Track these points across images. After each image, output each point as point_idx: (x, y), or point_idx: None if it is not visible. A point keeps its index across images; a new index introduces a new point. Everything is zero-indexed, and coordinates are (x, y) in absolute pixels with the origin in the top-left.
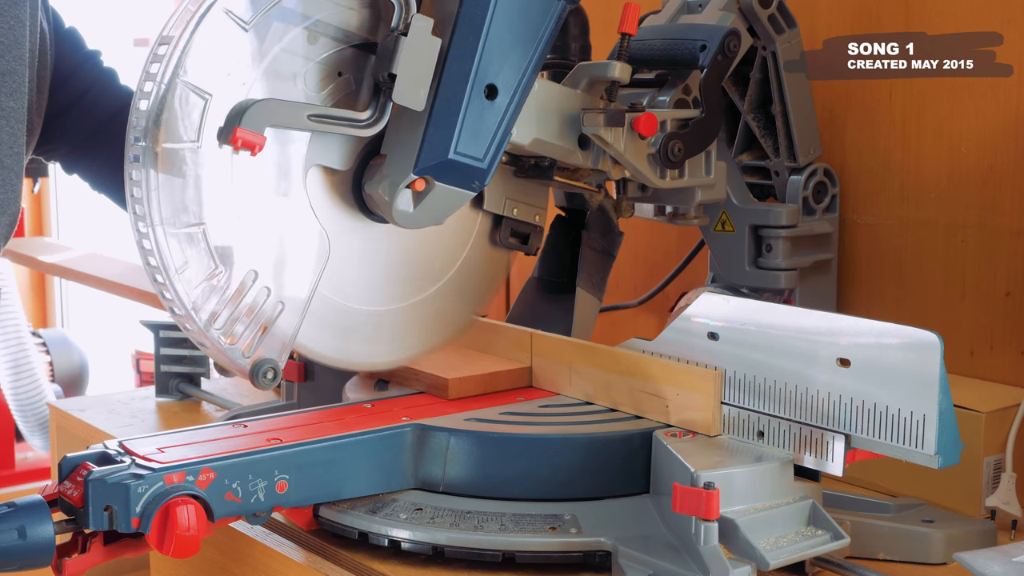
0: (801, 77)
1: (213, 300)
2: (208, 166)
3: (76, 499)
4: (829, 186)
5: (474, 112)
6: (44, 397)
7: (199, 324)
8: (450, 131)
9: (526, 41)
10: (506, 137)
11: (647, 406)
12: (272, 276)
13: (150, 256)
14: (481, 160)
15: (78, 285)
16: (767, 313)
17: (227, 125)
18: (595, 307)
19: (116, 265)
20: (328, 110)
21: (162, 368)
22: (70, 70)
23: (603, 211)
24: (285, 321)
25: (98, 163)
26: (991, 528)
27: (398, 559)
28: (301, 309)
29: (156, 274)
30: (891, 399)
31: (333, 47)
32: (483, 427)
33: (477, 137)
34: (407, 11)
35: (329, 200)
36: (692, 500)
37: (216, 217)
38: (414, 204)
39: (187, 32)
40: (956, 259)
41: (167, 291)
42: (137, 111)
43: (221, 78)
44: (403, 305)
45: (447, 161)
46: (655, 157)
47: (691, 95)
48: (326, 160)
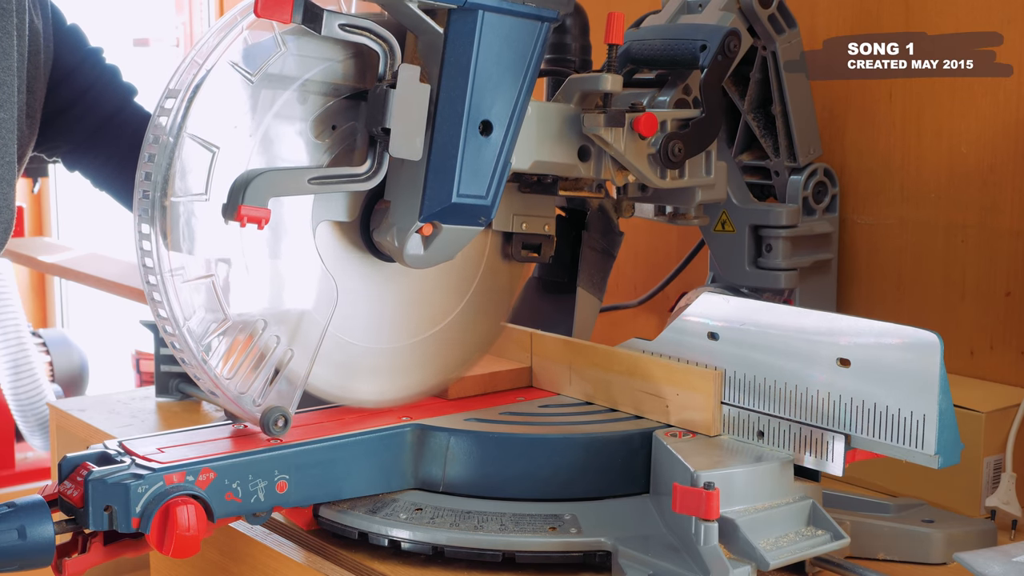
0: (801, 77)
1: (223, 349)
2: (216, 219)
3: (76, 499)
4: (829, 186)
5: (471, 151)
6: (44, 397)
7: (210, 373)
8: (450, 175)
9: (515, 70)
10: (506, 168)
11: (647, 406)
12: (282, 324)
13: (160, 308)
14: (484, 197)
15: (78, 285)
16: (767, 313)
17: (230, 202)
18: (595, 307)
19: (116, 265)
20: (327, 171)
21: (162, 368)
22: (71, 67)
23: (603, 211)
24: (295, 368)
25: (100, 160)
26: (991, 528)
27: (398, 559)
28: (311, 355)
29: (166, 325)
30: (891, 399)
31: (324, 103)
32: (483, 427)
33: (477, 176)
34: (392, 59)
35: (338, 246)
36: (692, 500)
37: (225, 268)
38: (424, 247)
39: (193, 85)
40: (956, 259)
41: (177, 341)
42: (145, 164)
43: (228, 131)
44: (424, 337)
45: (451, 205)
46: (655, 157)
47: (691, 95)
48: (332, 215)
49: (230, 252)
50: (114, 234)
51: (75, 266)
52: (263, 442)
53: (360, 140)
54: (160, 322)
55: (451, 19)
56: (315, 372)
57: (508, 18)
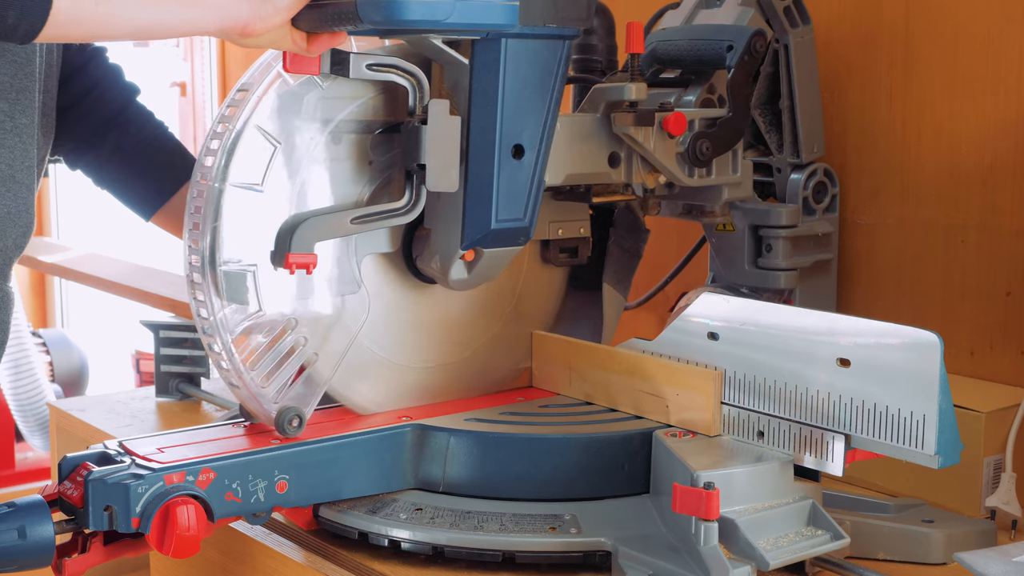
0: (811, 74)
1: (252, 342)
2: (265, 211)
3: (76, 499)
4: (829, 186)
5: (506, 177)
6: (44, 397)
7: (235, 363)
8: (488, 203)
9: (541, 90)
10: (541, 187)
11: (647, 406)
12: (312, 327)
13: (198, 290)
14: (522, 219)
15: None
16: (767, 313)
17: (278, 250)
18: (620, 304)
19: (116, 265)
20: (368, 209)
21: (162, 368)
22: (78, 66)
23: (630, 209)
24: (318, 371)
25: (102, 159)
26: (991, 528)
27: (398, 559)
28: (335, 362)
29: (202, 309)
30: (891, 399)
31: (358, 140)
32: (483, 427)
33: (513, 199)
34: (420, 92)
35: (381, 272)
36: (692, 500)
37: (266, 260)
38: (468, 272)
39: (233, 135)
40: (956, 259)
41: (209, 326)
42: (208, 150)
43: (290, 131)
44: (472, 351)
45: (491, 232)
46: (684, 156)
47: (715, 94)
48: (376, 248)
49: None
50: (114, 234)
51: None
52: (263, 442)
53: (396, 172)
54: (196, 305)
55: (475, 50)
56: (360, 391)
57: (531, 42)
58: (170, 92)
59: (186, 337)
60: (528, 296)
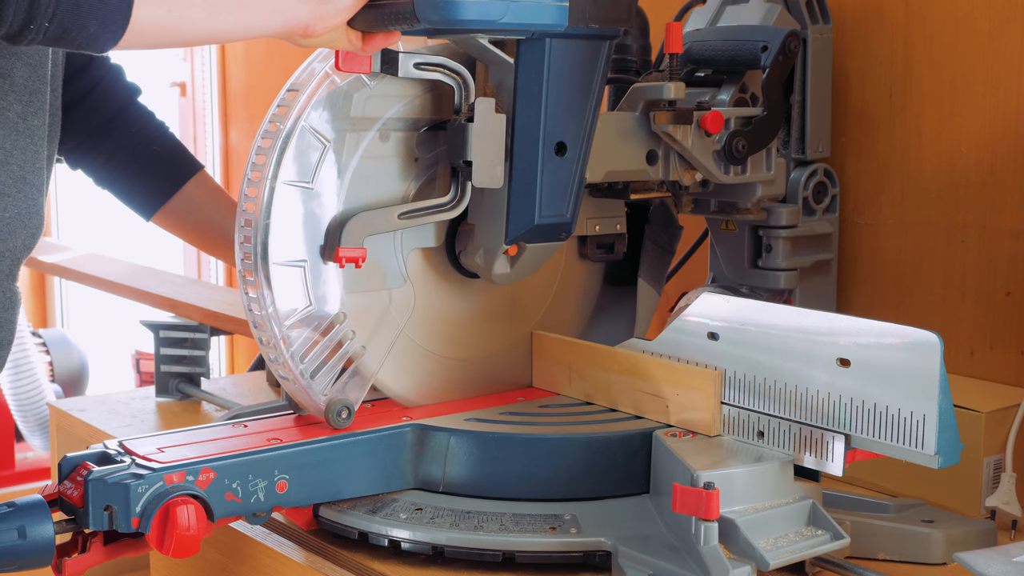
0: (826, 73)
1: (302, 335)
2: (315, 208)
3: (76, 499)
4: (829, 186)
5: (549, 173)
6: (44, 397)
7: (286, 355)
8: (531, 199)
9: (584, 89)
10: (582, 184)
11: (647, 406)
12: (360, 320)
13: (250, 287)
14: (564, 215)
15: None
16: (767, 313)
17: (328, 245)
18: (654, 299)
19: (116, 265)
20: (414, 205)
21: (162, 368)
22: (78, 67)
23: (664, 206)
24: (367, 363)
25: (103, 159)
26: (991, 528)
27: (398, 559)
28: (383, 354)
29: (254, 305)
30: (891, 399)
31: (405, 138)
32: (483, 427)
33: (556, 196)
34: (466, 90)
35: (426, 267)
36: (692, 500)
37: (316, 256)
38: (510, 266)
39: (284, 134)
40: (956, 259)
41: (260, 321)
42: (259, 149)
43: (340, 130)
44: (509, 345)
45: (534, 227)
46: (720, 154)
47: (748, 93)
48: (421, 243)
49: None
50: (114, 234)
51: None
52: (263, 442)
53: (441, 169)
54: (247, 300)
55: (520, 49)
56: (405, 383)
57: (574, 41)
58: (170, 92)
59: (186, 337)
60: (565, 290)
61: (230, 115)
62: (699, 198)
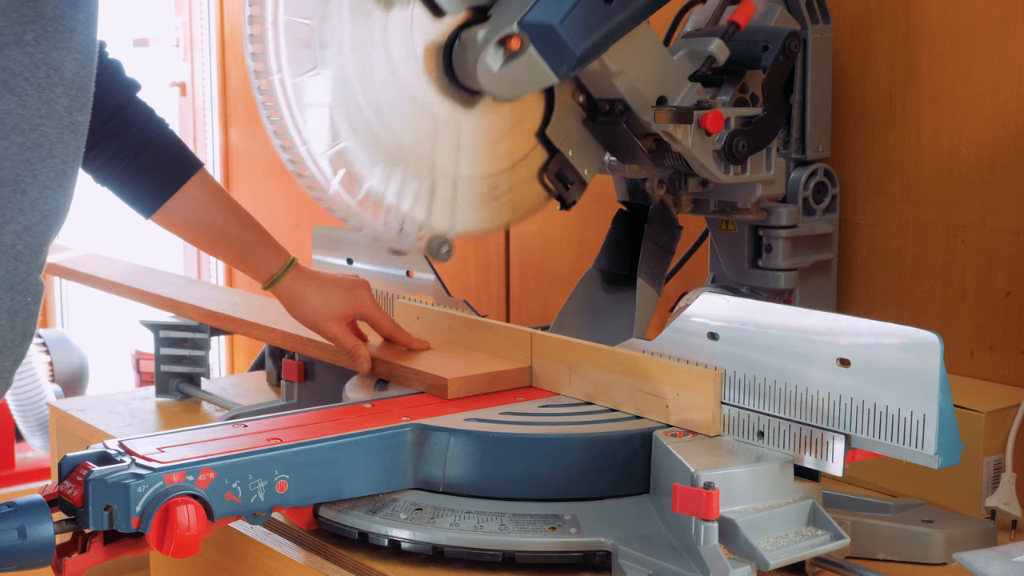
0: (826, 73)
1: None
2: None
3: (76, 499)
4: (829, 186)
5: (589, 4)
6: (44, 397)
7: (331, 180)
8: (563, 5)
9: None
10: (605, 44)
11: (647, 406)
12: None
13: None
14: (576, 46)
15: (78, 285)
16: (767, 313)
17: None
18: (654, 299)
19: (116, 265)
20: None
21: (162, 368)
22: None
23: (664, 205)
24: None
25: (103, 157)
26: (991, 528)
27: (398, 559)
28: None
29: (295, 168)
30: (891, 399)
31: None
32: (483, 427)
33: (582, 26)
34: None
35: (426, 77)
36: (692, 500)
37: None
38: (499, 63)
39: None
40: (956, 259)
41: (295, 160)
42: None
43: None
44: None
45: (550, 27)
46: (720, 153)
47: (747, 92)
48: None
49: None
50: (114, 234)
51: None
52: (263, 442)
53: None
54: (283, 152)
55: None
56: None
57: None
58: (170, 92)
59: (186, 337)
60: (509, 186)
61: (230, 115)
62: (699, 198)
